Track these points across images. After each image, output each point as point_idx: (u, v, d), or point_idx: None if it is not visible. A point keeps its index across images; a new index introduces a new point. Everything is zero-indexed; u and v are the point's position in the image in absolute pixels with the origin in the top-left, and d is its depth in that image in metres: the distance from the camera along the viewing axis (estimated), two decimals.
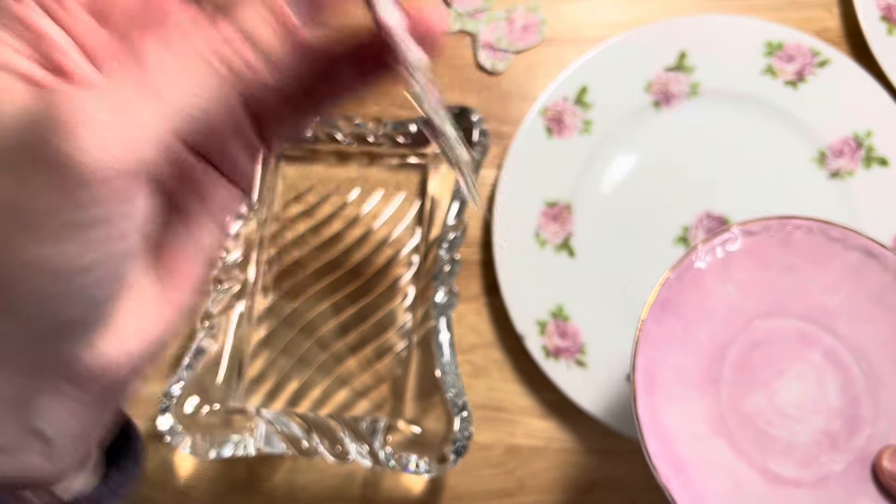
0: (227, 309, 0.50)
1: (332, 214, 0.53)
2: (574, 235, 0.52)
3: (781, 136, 0.52)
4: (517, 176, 0.52)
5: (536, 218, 0.52)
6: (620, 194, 0.53)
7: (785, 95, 0.52)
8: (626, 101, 0.53)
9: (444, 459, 0.47)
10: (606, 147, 0.53)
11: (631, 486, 0.51)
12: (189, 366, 0.49)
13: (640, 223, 0.52)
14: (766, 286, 0.40)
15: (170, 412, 0.47)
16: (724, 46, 0.52)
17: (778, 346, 0.40)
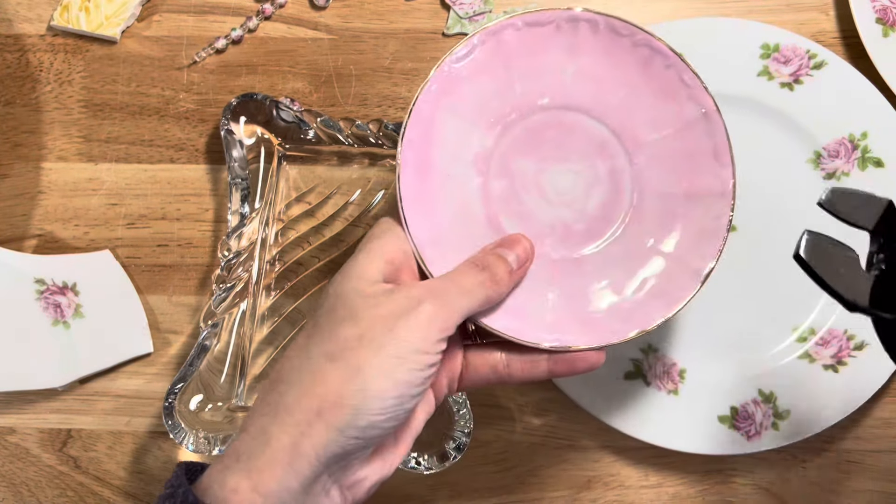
0: (230, 308, 0.51)
1: (334, 214, 0.54)
2: None
3: (777, 137, 0.52)
4: None
5: None
6: None
7: (781, 97, 0.52)
8: None
9: (445, 456, 0.47)
10: None
11: (628, 482, 0.52)
12: (192, 364, 0.49)
13: None
14: (555, 76, 0.41)
15: (174, 409, 0.48)
16: (720, 48, 0.53)
17: (577, 138, 0.41)
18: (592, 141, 0.41)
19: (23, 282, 0.53)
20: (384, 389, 0.31)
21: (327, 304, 0.34)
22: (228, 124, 0.52)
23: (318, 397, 0.31)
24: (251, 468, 0.30)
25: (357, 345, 0.32)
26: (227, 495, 0.30)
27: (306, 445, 0.31)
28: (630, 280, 0.40)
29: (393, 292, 0.34)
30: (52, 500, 0.54)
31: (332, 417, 0.31)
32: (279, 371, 0.33)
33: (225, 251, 0.51)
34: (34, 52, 0.57)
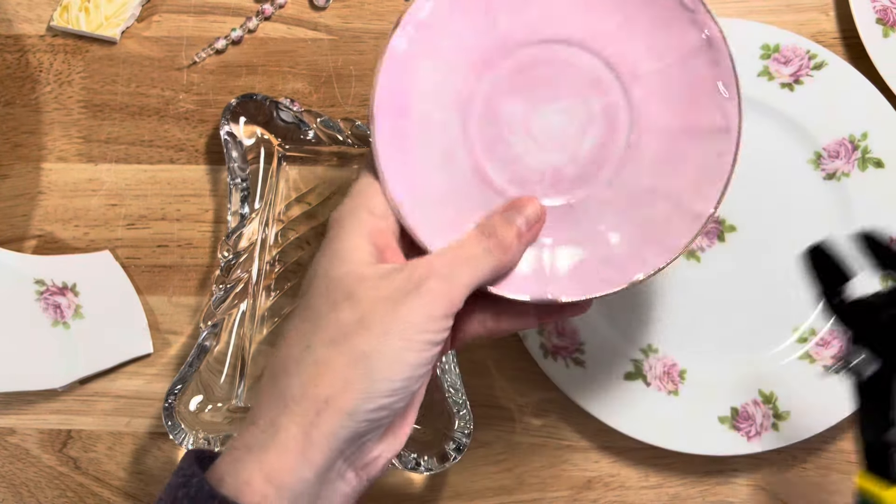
0: (229, 308, 0.51)
1: None
2: None
3: (777, 137, 0.52)
4: None
5: None
6: None
7: (781, 97, 0.52)
8: None
9: (445, 457, 0.47)
10: None
11: (629, 482, 0.52)
12: (192, 364, 0.49)
13: None
14: (541, 5, 0.37)
15: (173, 410, 0.48)
16: None
17: (568, 74, 0.37)
18: (585, 76, 0.37)
19: (23, 282, 0.53)
20: (392, 372, 0.31)
21: (317, 287, 0.33)
22: (228, 125, 0.52)
23: (324, 385, 0.31)
24: (262, 459, 0.30)
25: (359, 329, 0.31)
26: (240, 487, 0.29)
27: (316, 434, 0.30)
28: (625, 226, 0.37)
29: (391, 273, 0.32)
30: (52, 501, 0.54)
31: (340, 404, 0.30)
32: (279, 362, 0.32)
33: (225, 252, 0.51)
34: (34, 53, 0.57)
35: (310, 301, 0.33)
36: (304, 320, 0.33)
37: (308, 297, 0.33)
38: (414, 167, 0.36)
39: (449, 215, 0.37)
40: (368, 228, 0.34)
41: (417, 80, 0.37)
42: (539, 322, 0.38)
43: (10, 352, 0.52)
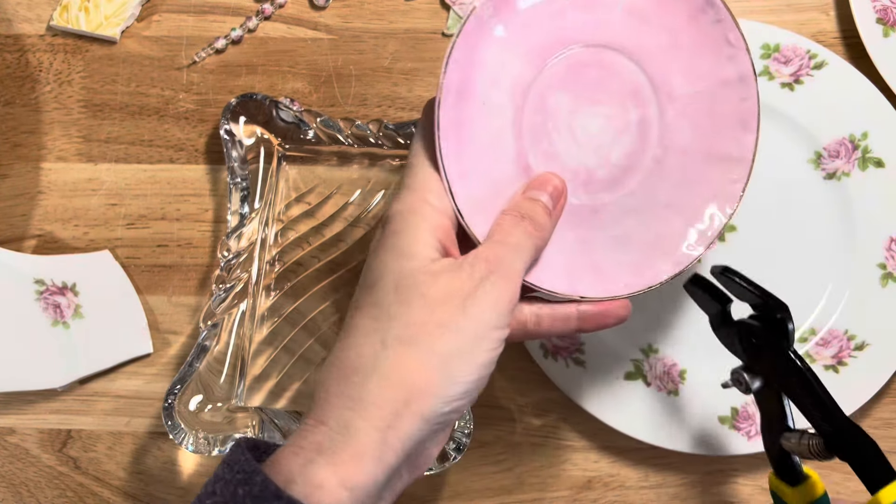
0: (229, 308, 0.51)
1: (334, 215, 0.54)
2: None
3: (777, 137, 0.52)
4: None
5: None
6: None
7: (781, 97, 0.52)
8: None
9: (445, 457, 0.47)
10: None
11: (629, 482, 0.52)
12: (192, 364, 0.49)
13: None
14: (605, 11, 0.39)
15: (173, 410, 0.48)
16: None
17: (614, 81, 0.39)
18: (627, 86, 0.40)
19: (22, 282, 0.53)
20: (468, 373, 0.31)
21: (385, 284, 0.33)
22: (228, 124, 0.52)
23: (403, 388, 0.30)
24: (337, 462, 0.29)
25: (434, 329, 0.31)
26: (312, 490, 0.29)
27: (393, 437, 0.30)
28: (642, 234, 0.40)
29: (456, 270, 0.33)
30: (52, 501, 0.54)
31: (419, 407, 0.30)
32: (349, 360, 0.32)
33: (224, 251, 0.51)
34: (34, 53, 0.57)
35: (378, 298, 0.32)
36: (373, 318, 0.32)
37: (375, 293, 0.33)
38: (465, 151, 0.36)
39: (490, 200, 0.37)
40: (432, 224, 0.34)
41: (483, 59, 0.36)
42: (578, 328, 0.39)
43: (10, 352, 0.52)
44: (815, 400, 0.39)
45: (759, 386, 0.42)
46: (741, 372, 0.42)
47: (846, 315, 0.51)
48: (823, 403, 0.38)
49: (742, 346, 0.42)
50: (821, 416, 0.38)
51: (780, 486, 0.43)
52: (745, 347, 0.42)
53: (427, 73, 0.56)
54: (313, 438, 0.30)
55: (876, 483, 0.36)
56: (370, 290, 0.33)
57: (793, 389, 0.40)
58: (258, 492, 0.28)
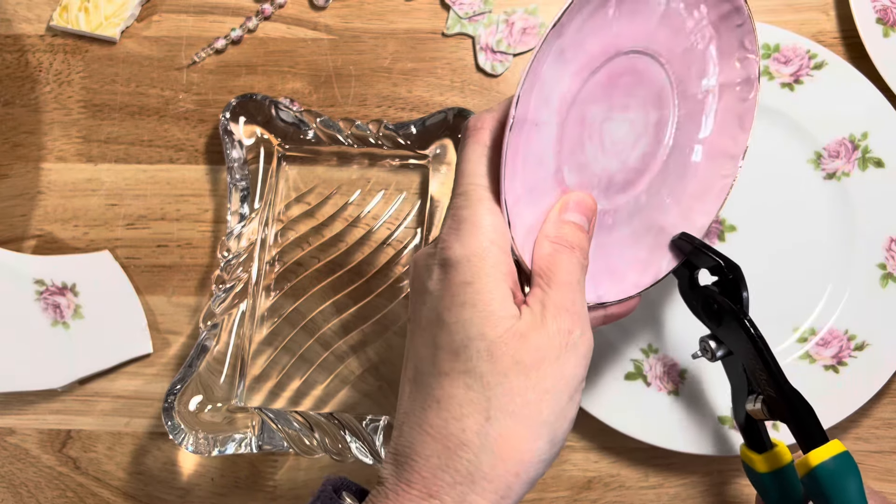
0: (229, 308, 0.51)
1: (334, 215, 0.54)
2: None
3: (778, 137, 0.52)
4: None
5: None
6: None
7: (781, 97, 0.52)
8: None
9: None
10: None
11: (629, 482, 0.52)
12: (192, 364, 0.49)
13: None
14: (644, 17, 0.39)
15: (173, 410, 0.48)
16: None
17: (643, 87, 0.40)
18: (654, 90, 0.40)
19: (22, 282, 0.53)
20: (565, 431, 0.32)
21: (476, 349, 0.32)
22: (228, 125, 0.52)
23: (513, 462, 0.31)
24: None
25: (534, 398, 0.31)
26: None
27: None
28: (647, 231, 0.42)
29: (542, 326, 0.32)
30: (52, 501, 0.54)
31: (527, 475, 0.31)
32: (454, 434, 0.31)
33: (224, 252, 0.51)
34: (33, 53, 0.57)
35: (470, 367, 0.32)
36: (467, 387, 0.32)
37: (465, 360, 0.32)
38: (517, 176, 0.35)
39: (536, 222, 0.36)
40: (503, 271, 0.33)
41: (543, 82, 0.35)
42: (602, 324, 0.40)
43: (10, 352, 0.52)
44: (763, 364, 0.41)
45: (724, 353, 0.43)
46: (707, 340, 0.44)
47: (846, 315, 0.51)
48: (770, 368, 0.40)
49: (705, 313, 0.44)
50: (766, 381, 0.41)
51: (748, 455, 0.45)
52: (708, 314, 0.43)
53: (427, 74, 0.56)
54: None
55: (809, 445, 0.39)
56: (456, 356, 0.32)
57: (746, 354, 0.42)
58: None
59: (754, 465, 0.44)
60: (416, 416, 0.32)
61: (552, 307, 0.33)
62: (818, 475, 0.38)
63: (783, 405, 0.40)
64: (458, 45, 0.57)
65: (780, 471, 0.44)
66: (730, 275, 0.42)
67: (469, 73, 0.56)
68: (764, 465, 0.44)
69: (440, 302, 0.33)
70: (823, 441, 0.39)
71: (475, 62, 0.56)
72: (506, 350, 0.31)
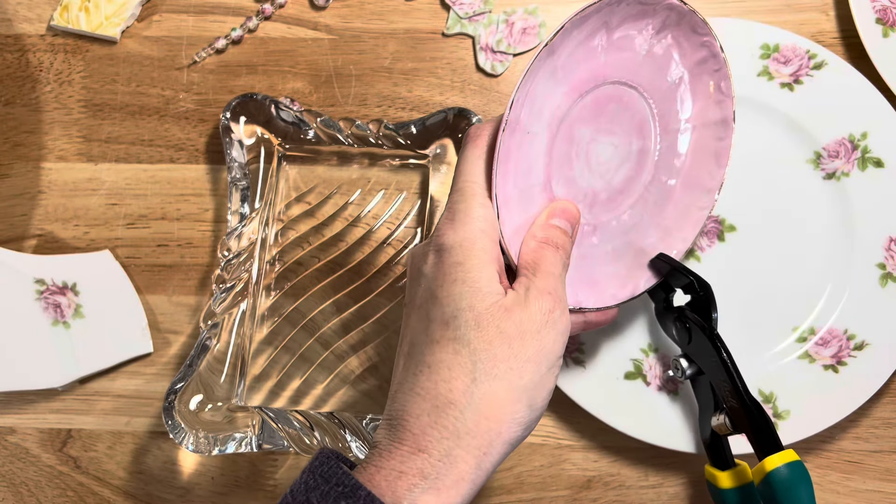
0: (230, 308, 0.51)
1: (334, 214, 0.54)
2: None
3: (777, 137, 0.52)
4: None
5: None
6: None
7: (781, 97, 0.52)
8: None
9: None
10: None
11: (628, 482, 0.52)
12: (192, 364, 0.49)
13: None
14: (631, 54, 0.43)
15: (173, 410, 0.48)
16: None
17: (627, 115, 0.44)
18: (636, 119, 0.44)
19: (23, 282, 0.53)
20: (544, 399, 0.35)
21: (466, 321, 0.35)
22: (228, 124, 0.52)
23: (495, 420, 0.34)
24: (440, 487, 0.33)
25: (516, 364, 0.34)
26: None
27: (486, 463, 0.34)
28: (628, 250, 0.45)
29: (525, 304, 0.35)
30: (52, 500, 0.54)
31: (507, 435, 0.34)
32: (442, 394, 0.34)
33: (225, 251, 0.51)
34: (34, 52, 0.57)
35: (458, 334, 0.35)
36: (455, 352, 0.34)
37: (454, 328, 0.35)
38: (509, 178, 0.38)
39: (524, 224, 0.40)
40: (491, 255, 0.36)
41: (535, 95, 0.39)
42: (584, 327, 0.43)
43: (11, 351, 0.52)
44: (727, 375, 0.43)
45: (693, 372, 0.46)
46: (678, 359, 0.47)
47: (845, 315, 0.51)
48: (733, 379, 0.43)
49: (677, 331, 0.46)
50: (730, 392, 0.43)
51: (712, 472, 0.47)
52: (681, 333, 0.46)
53: (427, 73, 0.56)
54: (415, 465, 0.33)
55: (766, 452, 0.42)
56: (446, 326, 0.35)
57: (713, 368, 0.44)
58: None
59: (717, 482, 0.46)
60: (408, 382, 0.35)
61: (535, 290, 0.36)
62: (772, 480, 0.41)
63: (743, 415, 0.43)
64: (458, 44, 0.57)
65: (743, 488, 0.46)
66: (701, 292, 0.45)
67: (469, 73, 0.56)
68: (727, 482, 0.46)
69: (434, 281, 0.36)
70: (778, 450, 0.42)
71: (475, 62, 0.56)
72: (491, 320, 0.35)
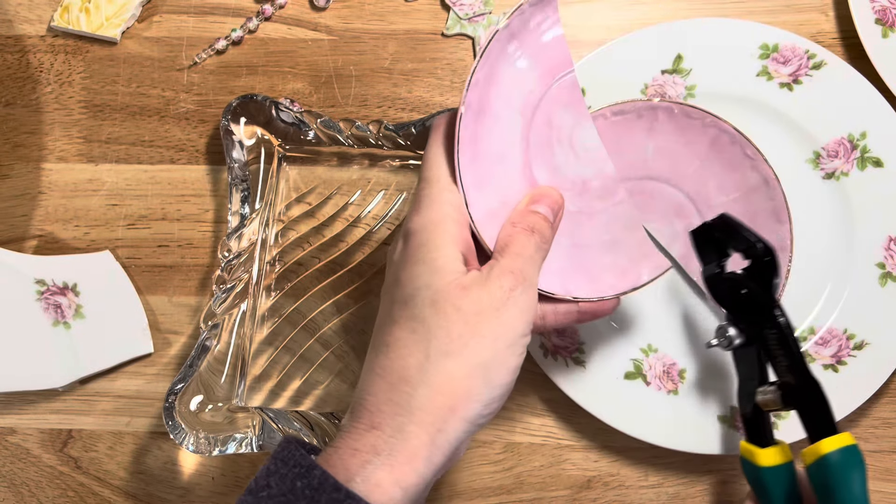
0: (230, 308, 0.51)
1: (334, 215, 0.54)
2: None
3: (776, 137, 0.52)
4: None
5: None
6: None
7: (780, 97, 0.52)
8: None
9: None
10: None
11: (628, 482, 0.52)
12: (192, 364, 0.49)
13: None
14: (638, 153, 0.46)
15: (174, 410, 0.48)
16: (719, 49, 0.53)
17: (658, 202, 0.49)
18: (670, 204, 0.49)
19: (23, 282, 0.53)
20: (503, 377, 0.34)
21: (423, 299, 0.35)
22: (229, 125, 0.52)
23: (449, 396, 0.33)
24: (393, 463, 0.33)
25: (471, 341, 0.34)
26: (370, 488, 0.32)
27: (441, 439, 0.33)
28: (628, 240, 0.44)
29: (485, 283, 0.35)
30: (53, 501, 0.54)
31: (463, 412, 0.34)
32: (396, 371, 0.34)
33: (225, 252, 0.51)
34: (34, 53, 0.57)
35: (415, 312, 0.35)
36: (412, 331, 0.35)
37: (411, 307, 0.35)
38: (479, 163, 0.38)
39: (499, 209, 0.39)
40: (455, 237, 0.36)
41: (501, 80, 0.39)
42: (578, 319, 0.41)
43: (11, 352, 0.53)
44: (787, 351, 0.42)
45: (741, 342, 0.45)
46: (726, 327, 0.45)
47: (845, 314, 0.51)
48: (794, 355, 0.42)
49: (731, 299, 0.45)
50: (786, 368, 0.42)
51: (750, 449, 0.45)
52: (734, 300, 0.44)
53: (427, 74, 0.56)
54: (368, 441, 0.33)
55: (820, 434, 0.40)
56: (405, 305, 0.35)
57: (768, 341, 0.43)
58: (317, 484, 0.31)
59: (756, 460, 0.45)
60: (370, 362, 0.36)
61: (498, 269, 0.36)
62: (827, 464, 0.39)
63: (800, 393, 0.41)
64: (458, 45, 0.57)
65: (781, 467, 0.44)
66: (766, 257, 0.43)
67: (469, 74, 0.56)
68: (766, 460, 0.44)
69: (398, 265, 0.37)
70: (834, 432, 0.40)
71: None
72: (448, 298, 0.35)
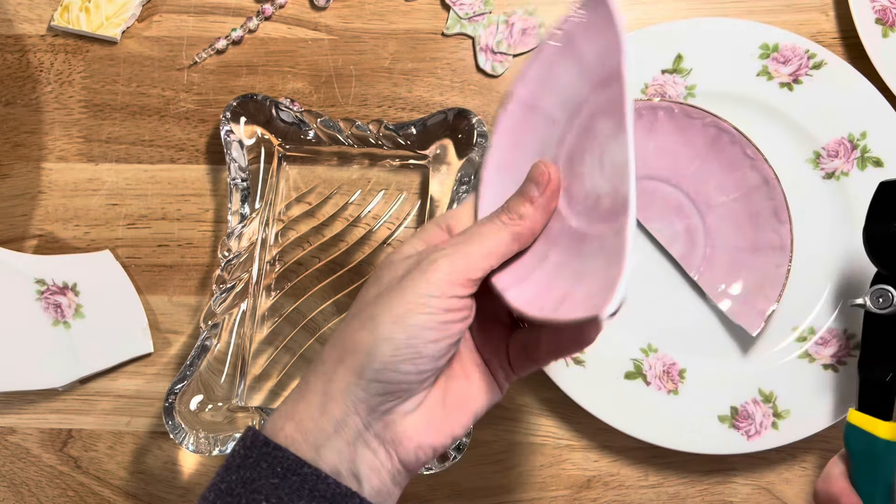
0: (230, 308, 0.51)
1: (334, 215, 0.54)
2: None
3: (776, 137, 0.52)
4: None
5: None
6: None
7: (780, 97, 0.52)
8: None
9: (445, 456, 0.47)
10: None
11: (628, 482, 0.52)
12: (192, 364, 0.49)
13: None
14: (638, 152, 0.40)
15: (174, 410, 0.48)
16: (720, 49, 0.53)
17: (657, 201, 0.50)
18: (670, 203, 0.49)
19: (23, 282, 0.53)
20: (392, 332, 0.34)
21: (380, 267, 0.37)
22: (229, 125, 0.52)
23: (341, 348, 0.35)
24: (294, 410, 0.35)
25: (375, 301, 0.35)
26: (276, 432, 0.35)
27: (333, 389, 0.34)
28: (611, 265, 0.38)
29: (413, 256, 0.36)
30: (53, 500, 0.54)
31: (350, 362, 0.34)
32: (330, 341, 0.37)
33: (225, 251, 0.51)
34: (35, 53, 0.57)
35: (379, 279, 0.37)
36: (366, 295, 0.37)
37: (378, 278, 0.37)
38: (513, 153, 0.39)
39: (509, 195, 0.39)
40: (427, 236, 0.38)
41: (557, 77, 0.38)
42: (578, 349, 0.39)
43: (11, 351, 0.52)
44: None
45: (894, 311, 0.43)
46: (885, 288, 0.44)
47: (845, 314, 0.51)
48: None
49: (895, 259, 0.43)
50: None
51: (868, 420, 0.43)
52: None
53: (427, 74, 0.56)
54: (287, 398, 0.36)
55: None
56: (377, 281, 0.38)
57: None
58: (249, 442, 0.35)
59: (877, 431, 0.42)
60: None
61: (437, 246, 0.36)
62: None
63: None
64: (458, 45, 0.57)
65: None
66: None
67: (469, 74, 0.56)
68: (888, 431, 0.42)
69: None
70: None
71: (475, 62, 0.56)
72: (376, 273, 0.37)
